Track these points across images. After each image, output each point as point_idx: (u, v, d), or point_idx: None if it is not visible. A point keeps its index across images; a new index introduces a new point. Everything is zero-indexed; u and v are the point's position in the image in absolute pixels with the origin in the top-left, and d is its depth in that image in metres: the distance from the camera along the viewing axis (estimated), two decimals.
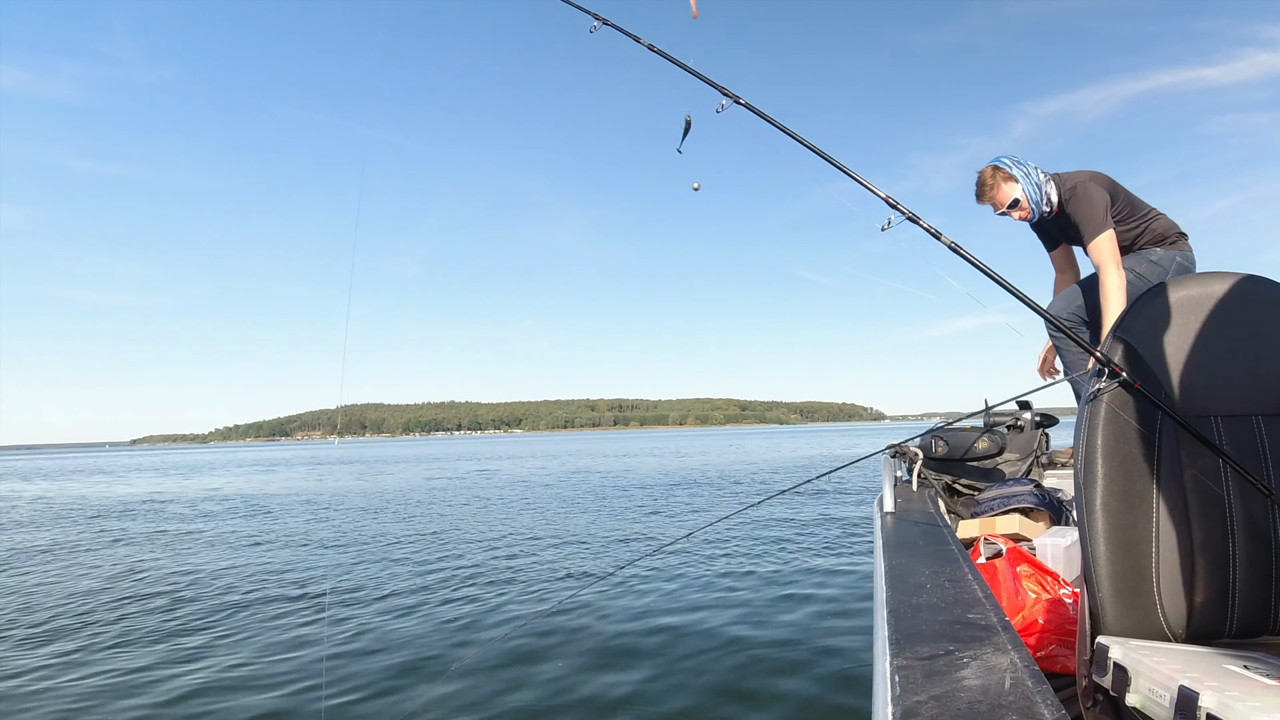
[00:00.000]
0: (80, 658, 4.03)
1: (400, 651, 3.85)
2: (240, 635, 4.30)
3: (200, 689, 3.41)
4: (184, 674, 3.65)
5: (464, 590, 5.36)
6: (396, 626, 4.36)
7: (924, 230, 1.27)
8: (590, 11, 1.84)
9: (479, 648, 3.91)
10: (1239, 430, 1.02)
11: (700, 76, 1.61)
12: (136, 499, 15.05)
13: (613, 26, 1.81)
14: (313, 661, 3.73)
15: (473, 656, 3.74)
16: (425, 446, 57.68)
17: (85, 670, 3.79)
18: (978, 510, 2.40)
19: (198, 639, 4.27)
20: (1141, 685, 0.81)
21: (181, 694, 3.36)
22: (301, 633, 4.33)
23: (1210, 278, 1.07)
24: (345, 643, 4.08)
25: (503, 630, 4.22)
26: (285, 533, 8.98)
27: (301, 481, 19.71)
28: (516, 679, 3.40)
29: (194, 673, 3.66)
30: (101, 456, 73.24)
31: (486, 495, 13.34)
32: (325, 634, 4.25)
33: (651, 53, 1.71)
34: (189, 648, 4.10)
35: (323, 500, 13.37)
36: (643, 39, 1.76)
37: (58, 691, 3.48)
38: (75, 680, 3.63)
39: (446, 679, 3.41)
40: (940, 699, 0.69)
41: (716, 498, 11.71)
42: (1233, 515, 0.98)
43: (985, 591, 1.10)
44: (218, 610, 4.99)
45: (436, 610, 4.74)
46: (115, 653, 4.09)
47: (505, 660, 3.68)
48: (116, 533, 9.65)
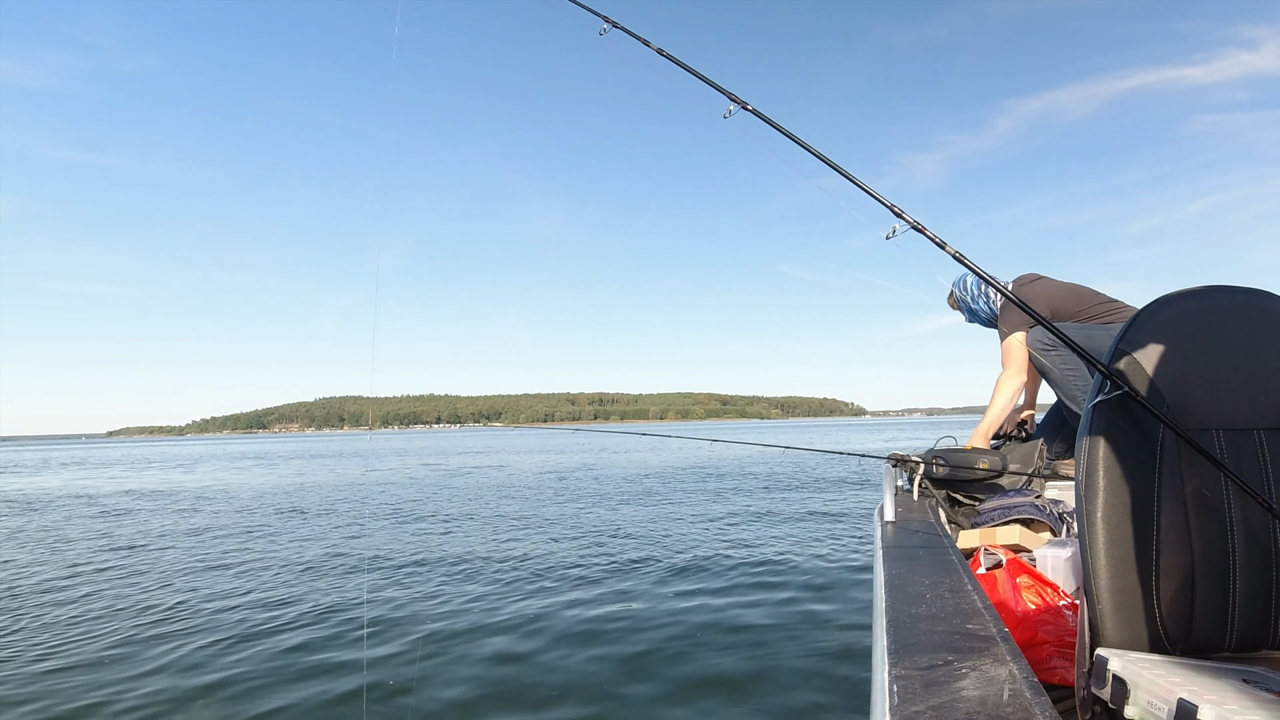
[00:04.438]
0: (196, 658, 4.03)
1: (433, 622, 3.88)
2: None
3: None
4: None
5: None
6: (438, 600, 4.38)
7: (929, 240, 1.27)
8: (600, 14, 1.84)
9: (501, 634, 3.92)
10: (1240, 444, 1.02)
11: (708, 81, 1.61)
12: (219, 500, 15.04)
13: (622, 30, 1.82)
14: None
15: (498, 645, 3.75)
16: (473, 439, 57.29)
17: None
18: (978, 520, 2.39)
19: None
20: (1140, 698, 0.81)
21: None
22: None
23: (1212, 291, 1.07)
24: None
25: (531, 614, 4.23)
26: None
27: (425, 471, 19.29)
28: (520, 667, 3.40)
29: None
30: (91, 449, 73.17)
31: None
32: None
33: (660, 57, 1.72)
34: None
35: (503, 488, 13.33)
36: (652, 43, 1.76)
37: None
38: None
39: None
40: (938, 709, 0.69)
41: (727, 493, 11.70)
42: (1233, 529, 0.98)
43: (985, 602, 1.10)
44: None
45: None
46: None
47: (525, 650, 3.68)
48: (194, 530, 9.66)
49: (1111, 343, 1.07)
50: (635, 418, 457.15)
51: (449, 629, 4.23)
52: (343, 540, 7.86)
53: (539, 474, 17.03)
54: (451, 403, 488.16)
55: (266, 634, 4.27)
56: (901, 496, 2.40)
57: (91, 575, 6.31)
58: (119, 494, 14.88)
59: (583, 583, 5.48)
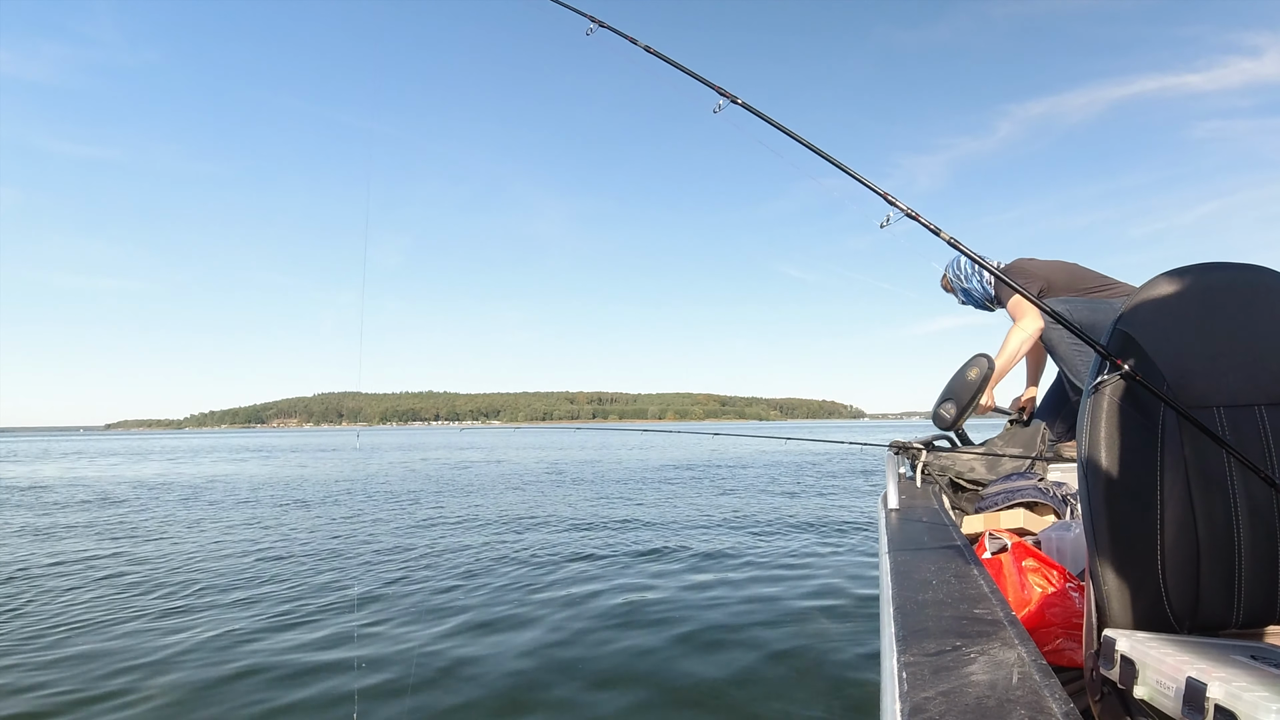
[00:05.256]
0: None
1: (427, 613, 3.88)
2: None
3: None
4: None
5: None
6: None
7: (923, 226, 1.27)
8: (586, 14, 1.84)
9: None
10: (1241, 420, 1.02)
11: (697, 77, 1.61)
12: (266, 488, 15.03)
13: (609, 29, 1.81)
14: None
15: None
16: (476, 435, 56.98)
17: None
18: (982, 505, 2.40)
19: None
20: (1149, 677, 0.81)
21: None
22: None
23: (1211, 268, 1.07)
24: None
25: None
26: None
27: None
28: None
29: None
30: (90, 440, 72.86)
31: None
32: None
33: (648, 54, 1.71)
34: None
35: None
36: (639, 40, 1.76)
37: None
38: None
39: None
40: (948, 695, 0.69)
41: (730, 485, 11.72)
42: (1237, 506, 0.98)
43: (991, 586, 1.10)
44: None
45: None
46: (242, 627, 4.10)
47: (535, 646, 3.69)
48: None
49: (1110, 322, 1.07)
50: (634, 417, 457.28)
51: (439, 634, 4.24)
52: (340, 534, 7.88)
53: (543, 471, 17.04)
54: (450, 400, 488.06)
55: (260, 632, 4.28)
56: (904, 483, 2.41)
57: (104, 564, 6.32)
58: (129, 484, 14.89)
59: (591, 571, 5.50)
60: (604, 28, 1.82)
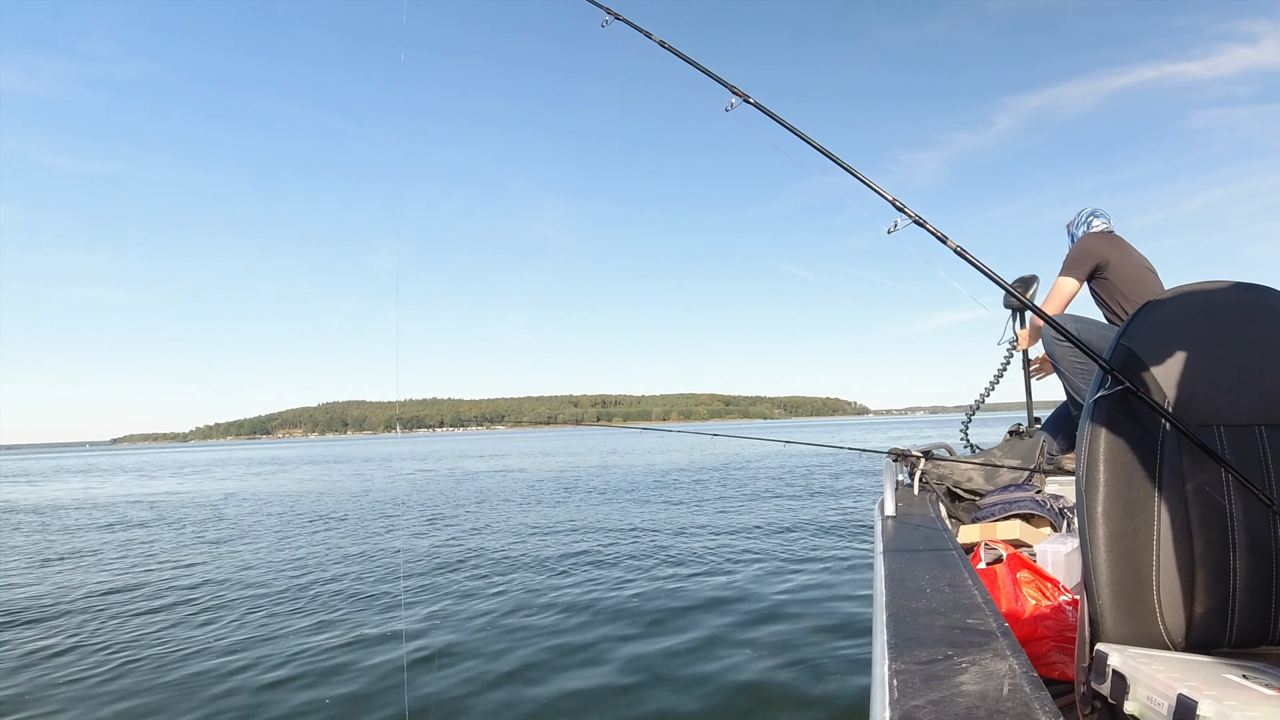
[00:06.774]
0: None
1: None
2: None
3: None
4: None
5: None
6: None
7: (930, 234, 1.27)
8: (603, 6, 1.83)
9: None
10: (1241, 439, 1.02)
11: (710, 74, 1.60)
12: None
13: (625, 22, 1.80)
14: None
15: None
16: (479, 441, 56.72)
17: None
18: (979, 515, 2.39)
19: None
20: (1140, 693, 0.81)
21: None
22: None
23: (1213, 286, 1.07)
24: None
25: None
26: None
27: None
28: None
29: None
30: (98, 455, 72.81)
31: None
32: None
33: (663, 49, 1.70)
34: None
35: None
36: (654, 35, 1.75)
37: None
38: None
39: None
40: (938, 704, 0.69)
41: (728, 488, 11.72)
42: (1234, 525, 0.98)
43: (985, 597, 1.10)
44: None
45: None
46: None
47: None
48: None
49: (1113, 338, 1.07)
50: (638, 419, 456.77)
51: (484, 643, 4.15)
52: (379, 542, 7.74)
53: (553, 479, 17.02)
54: (455, 406, 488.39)
55: (305, 631, 4.28)
56: (902, 491, 2.40)
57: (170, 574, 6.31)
58: (163, 504, 14.82)
59: (591, 573, 5.50)
60: (620, 20, 1.81)
